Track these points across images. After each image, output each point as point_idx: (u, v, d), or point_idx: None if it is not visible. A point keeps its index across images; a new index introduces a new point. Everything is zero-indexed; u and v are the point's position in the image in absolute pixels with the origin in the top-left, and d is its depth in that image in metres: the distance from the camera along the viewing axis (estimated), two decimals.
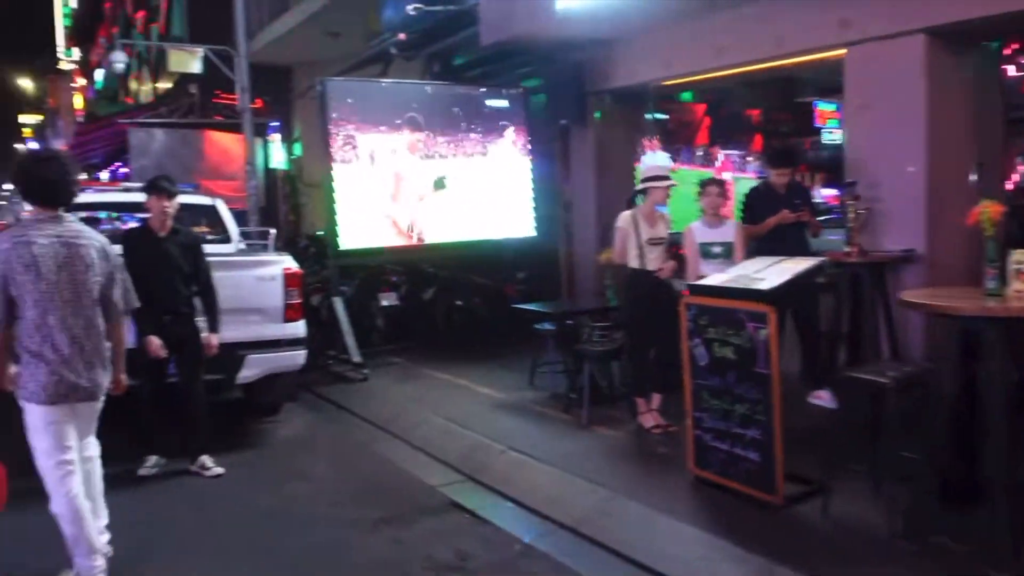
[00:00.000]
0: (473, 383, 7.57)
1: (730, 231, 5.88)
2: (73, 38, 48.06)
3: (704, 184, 5.99)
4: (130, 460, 5.54)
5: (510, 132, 9.22)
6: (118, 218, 8.69)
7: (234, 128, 17.71)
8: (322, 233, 10.99)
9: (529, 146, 9.38)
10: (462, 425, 6.28)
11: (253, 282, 6.15)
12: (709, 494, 4.64)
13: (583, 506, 4.76)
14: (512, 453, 5.63)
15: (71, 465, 3.78)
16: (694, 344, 4.77)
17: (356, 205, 7.99)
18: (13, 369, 3.81)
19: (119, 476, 5.33)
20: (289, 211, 18.14)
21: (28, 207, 4.54)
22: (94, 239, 3.92)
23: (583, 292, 9.21)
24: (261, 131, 18.26)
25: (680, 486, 4.82)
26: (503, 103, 9.23)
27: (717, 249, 5.82)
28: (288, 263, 6.34)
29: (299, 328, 6.37)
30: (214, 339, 5.58)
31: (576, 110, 9.13)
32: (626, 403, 6.26)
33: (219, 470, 5.57)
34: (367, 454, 6.18)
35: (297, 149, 18.03)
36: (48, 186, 3.82)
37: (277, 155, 18.55)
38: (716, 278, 4.90)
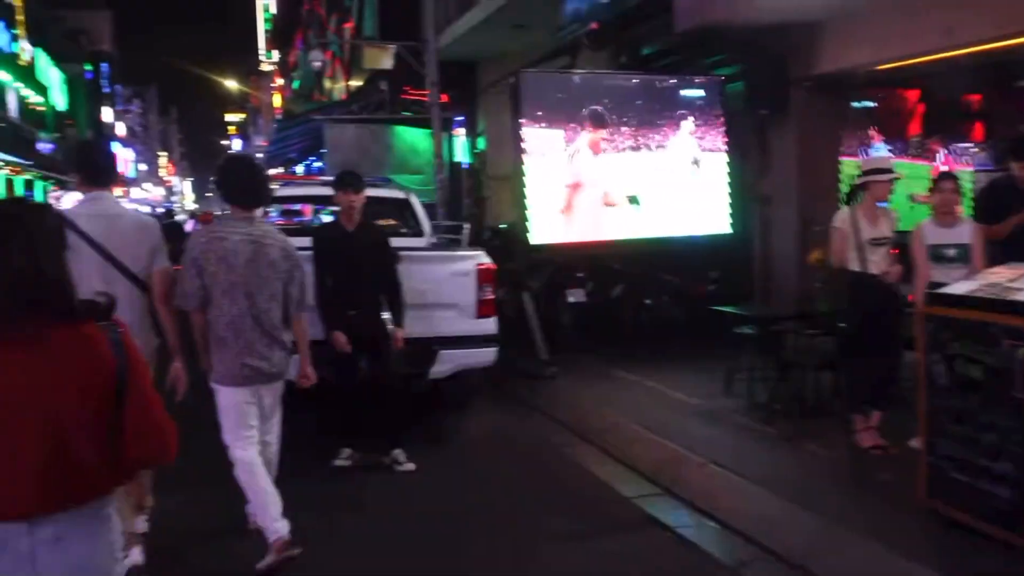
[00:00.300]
0: (665, 387, 7.22)
1: (966, 232, 5.25)
2: (273, 41, 51.21)
3: (938, 180, 5.39)
4: (327, 451, 5.62)
5: (705, 123, 8.75)
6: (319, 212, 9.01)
7: (421, 123, 18.14)
8: (505, 226, 10.94)
9: (726, 138, 8.87)
10: (656, 432, 5.97)
11: (447, 277, 6.09)
12: (945, 530, 4.10)
13: (798, 534, 4.34)
14: (712, 467, 5.26)
15: (252, 439, 4.15)
16: (932, 360, 4.22)
17: (546, 199, 7.82)
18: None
19: (314, 466, 5.46)
20: (472, 204, 18.34)
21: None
22: (278, 240, 4.22)
23: (780, 294, 8.63)
24: (446, 125, 18.50)
25: (909, 519, 4.29)
26: (698, 92, 8.77)
27: (951, 252, 5.20)
28: (482, 258, 6.25)
29: (491, 324, 6.27)
30: (399, 333, 5.53)
31: (776, 99, 8.54)
32: (838, 418, 5.73)
33: (410, 466, 5.53)
34: (557, 457, 5.99)
35: (481, 143, 18.19)
36: (245, 191, 4.21)
37: (461, 149, 18.81)
38: (961, 286, 4.32)
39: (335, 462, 5.56)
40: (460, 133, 18.70)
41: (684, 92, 8.65)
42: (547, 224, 7.86)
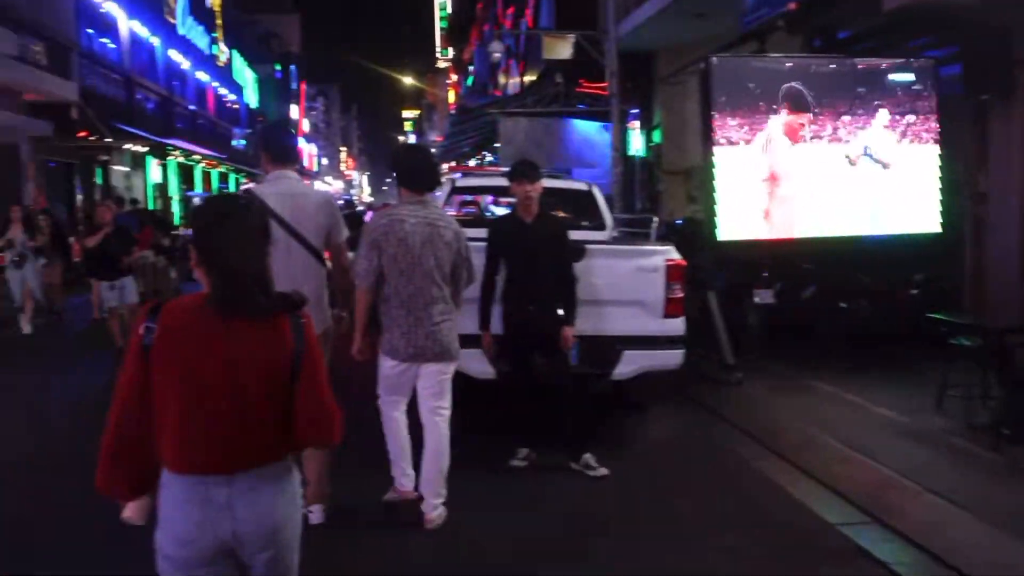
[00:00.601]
0: (865, 400, 6.58)
1: None
2: (448, 39, 52.37)
3: None
4: (503, 450, 5.44)
5: (913, 110, 7.93)
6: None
7: (596, 116, 17.88)
8: (681, 222, 10.43)
9: (938, 127, 8.01)
10: (861, 452, 5.39)
11: (633, 273, 5.73)
12: None
13: None
14: (930, 496, 4.66)
15: (401, 406, 4.50)
16: None
17: (736, 193, 7.31)
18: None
19: (489, 464, 5.31)
20: (646, 198, 17.88)
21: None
22: (450, 223, 4.48)
23: (998, 303, 7.70)
24: (621, 118, 18.17)
25: None
26: (907, 77, 7.96)
27: None
28: (671, 254, 5.84)
29: (679, 325, 5.87)
30: (569, 332, 5.24)
31: (1000, 82, 7.62)
32: None
33: (604, 471, 5.22)
34: (748, 472, 5.52)
35: (656, 136, 17.67)
36: (418, 174, 4.46)
37: (636, 142, 18.35)
38: None
39: (511, 462, 5.36)
40: (635, 126, 18.24)
41: (893, 77, 7.86)
42: (735, 219, 7.34)
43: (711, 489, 5.22)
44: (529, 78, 21.99)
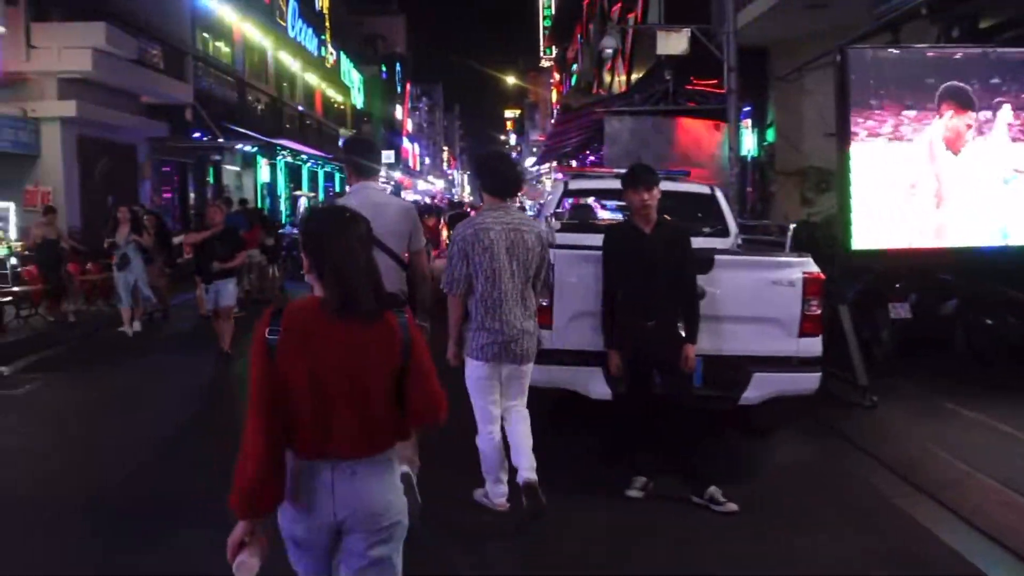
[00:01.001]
0: (1017, 429, 5.86)
1: None
2: (551, 38, 51.98)
3: None
4: (619, 479, 5.01)
5: None
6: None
7: (706, 115, 17.23)
8: (795, 225, 9.72)
9: None
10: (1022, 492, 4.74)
11: (766, 286, 5.20)
12: None
13: None
14: None
15: (495, 411, 4.55)
16: None
17: (871, 196, 6.65)
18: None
19: (604, 493, 4.90)
20: (756, 200, 17.10)
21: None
22: (533, 227, 4.58)
23: None
24: (728, 117, 17.50)
25: None
26: None
27: None
28: (809, 266, 5.28)
29: (816, 345, 5.31)
30: (691, 350, 4.78)
31: None
32: None
33: (732, 506, 4.71)
34: (888, 510, 4.93)
35: (770, 135, 16.89)
36: (500, 181, 4.57)
37: (747, 141, 17.60)
38: None
39: (628, 491, 4.91)
40: (747, 125, 17.48)
41: None
42: (869, 224, 6.69)
43: (845, 528, 4.68)
44: (636, 76, 21.42)
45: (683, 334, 4.80)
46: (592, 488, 5.02)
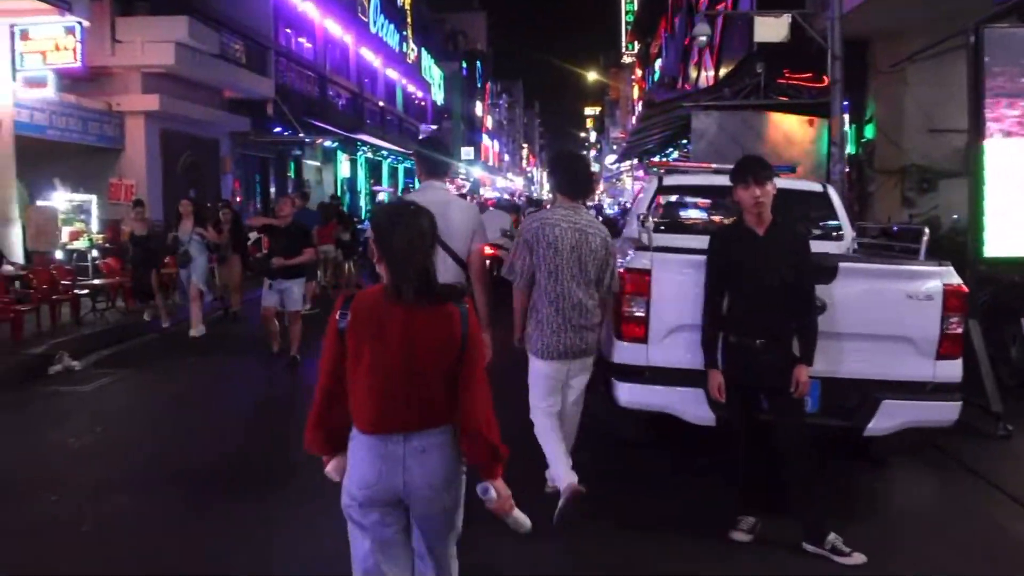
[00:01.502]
0: None
1: None
2: (633, 33, 51.03)
3: None
4: (722, 516, 4.40)
5: None
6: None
7: (798, 109, 16.38)
8: (896, 229, 8.90)
9: None
10: None
11: (899, 299, 4.51)
12: None
13: None
14: None
15: (553, 409, 4.55)
16: None
17: (1007, 198, 5.89)
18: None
19: (707, 533, 4.31)
20: (854, 200, 16.14)
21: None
22: (600, 230, 4.56)
23: None
24: (823, 111, 16.63)
25: None
26: None
27: None
28: (950, 276, 4.57)
29: (956, 369, 4.60)
30: (804, 373, 4.12)
31: None
32: None
33: (859, 557, 4.01)
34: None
35: (869, 131, 15.93)
36: (573, 182, 4.62)
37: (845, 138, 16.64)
38: None
39: (732, 534, 4.27)
40: (843, 120, 16.52)
41: None
42: (1005, 229, 5.92)
43: None
44: (724, 70, 20.56)
45: (797, 354, 4.17)
46: (691, 528, 4.44)
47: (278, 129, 20.99)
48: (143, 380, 8.39)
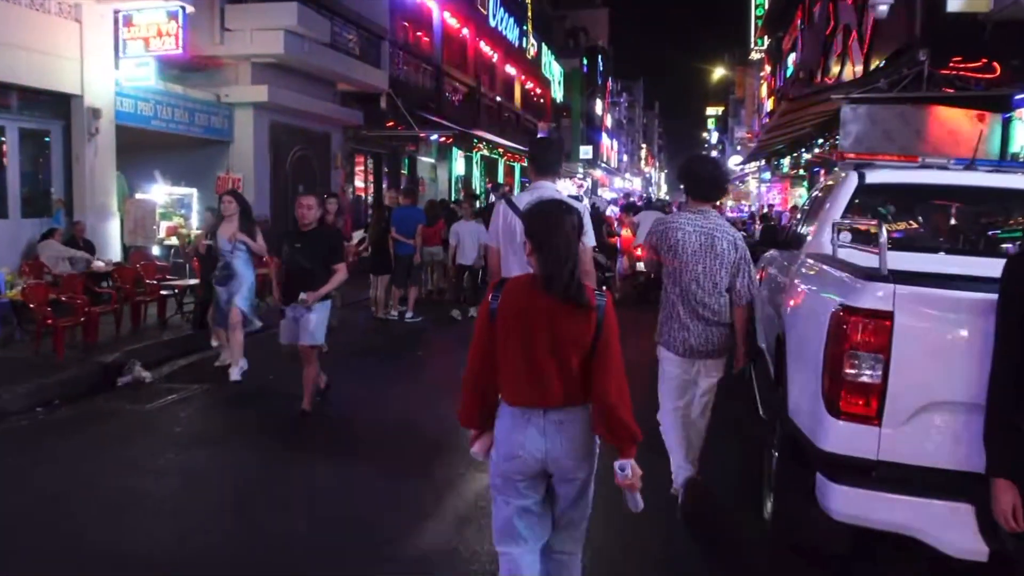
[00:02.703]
0: None
1: None
2: (764, 27, 48.42)
3: None
4: None
5: None
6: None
7: (965, 102, 14.42)
8: None
9: None
10: None
11: None
12: None
13: None
14: None
15: (680, 402, 4.71)
16: None
17: None
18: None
19: None
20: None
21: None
22: (728, 233, 4.59)
23: None
24: (1002, 105, 14.56)
25: None
26: None
27: None
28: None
29: None
30: None
31: None
32: None
33: None
34: None
35: None
36: (702, 185, 4.71)
37: (1020, 135, 14.49)
38: None
39: None
40: (1021, 115, 14.38)
41: None
42: None
43: None
44: (876, 62, 18.51)
45: None
46: None
47: (391, 124, 20.22)
48: (210, 403, 7.21)
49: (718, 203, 7.20)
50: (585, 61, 56.64)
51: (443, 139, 23.70)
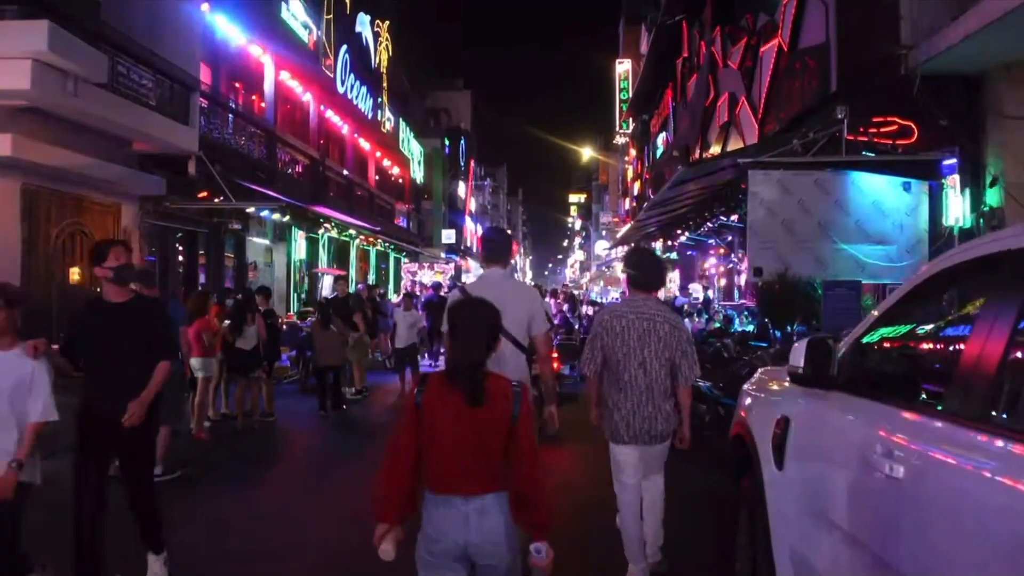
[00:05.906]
0: None
1: None
2: (631, 110, 47.55)
3: None
4: None
5: None
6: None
7: (888, 168, 12.29)
8: None
9: None
10: None
11: None
12: None
13: None
14: None
15: (633, 494, 4.98)
16: None
17: None
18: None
19: None
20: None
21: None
22: (668, 318, 4.96)
23: None
24: (923, 171, 12.46)
25: None
26: None
27: None
28: None
29: None
30: None
31: None
32: None
33: None
34: None
35: (992, 197, 11.58)
36: (642, 275, 5.14)
37: (954, 207, 12.24)
38: None
39: None
40: (953, 183, 12.18)
41: None
42: None
43: None
44: (775, 126, 16.30)
45: None
46: None
47: (204, 194, 16.42)
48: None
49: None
50: (447, 142, 54.29)
51: (275, 214, 19.93)
